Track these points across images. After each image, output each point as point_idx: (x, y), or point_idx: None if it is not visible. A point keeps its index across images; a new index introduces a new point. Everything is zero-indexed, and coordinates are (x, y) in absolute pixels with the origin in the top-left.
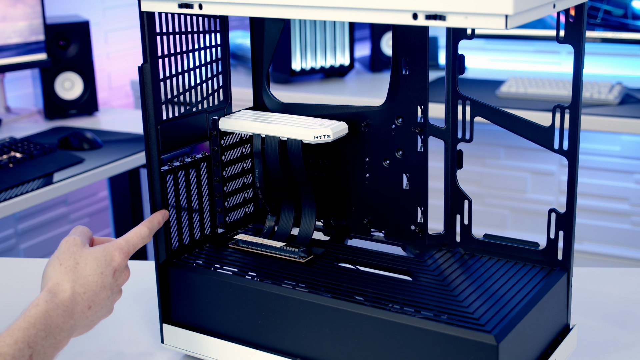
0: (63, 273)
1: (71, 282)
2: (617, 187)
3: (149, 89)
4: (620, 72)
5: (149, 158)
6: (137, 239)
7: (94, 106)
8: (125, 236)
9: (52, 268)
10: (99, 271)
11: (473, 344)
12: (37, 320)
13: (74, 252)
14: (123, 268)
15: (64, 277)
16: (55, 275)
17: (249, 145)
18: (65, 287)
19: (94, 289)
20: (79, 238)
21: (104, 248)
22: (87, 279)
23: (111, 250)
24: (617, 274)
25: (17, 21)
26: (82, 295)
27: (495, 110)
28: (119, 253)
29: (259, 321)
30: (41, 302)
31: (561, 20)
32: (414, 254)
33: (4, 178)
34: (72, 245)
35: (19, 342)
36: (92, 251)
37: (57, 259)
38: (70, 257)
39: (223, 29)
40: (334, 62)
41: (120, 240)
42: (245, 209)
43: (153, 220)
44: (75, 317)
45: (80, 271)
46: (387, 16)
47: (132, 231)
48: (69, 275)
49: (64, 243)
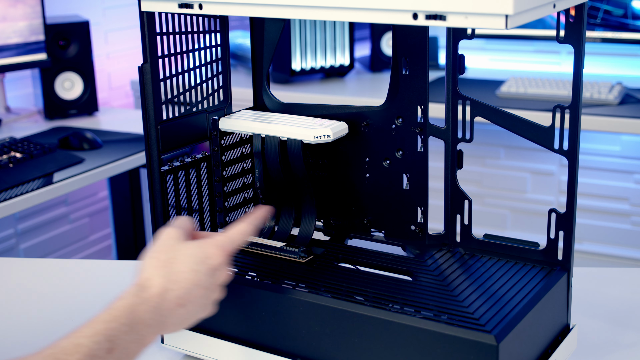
0: (155, 267)
1: (163, 277)
2: (617, 187)
3: (149, 89)
4: (620, 72)
5: (149, 158)
6: (238, 235)
7: (94, 106)
8: (226, 232)
9: (146, 261)
10: (193, 268)
11: (473, 344)
12: (121, 314)
13: (170, 245)
14: (221, 266)
15: (156, 271)
16: (148, 269)
17: (249, 145)
18: (155, 282)
19: (186, 286)
20: (177, 231)
21: (201, 244)
22: (180, 275)
23: (209, 247)
24: (617, 274)
25: (17, 21)
26: (172, 291)
27: (495, 110)
28: (217, 250)
29: (259, 321)
30: (127, 296)
31: (561, 20)
32: (414, 254)
33: (4, 178)
34: (169, 239)
35: (98, 334)
36: (189, 246)
37: (153, 251)
38: (164, 251)
39: (223, 29)
40: (334, 62)
41: (221, 236)
42: (245, 209)
43: (257, 215)
44: (164, 313)
45: (173, 267)
46: (387, 16)
47: (234, 227)
48: (161, 270)
49: (162, 235)
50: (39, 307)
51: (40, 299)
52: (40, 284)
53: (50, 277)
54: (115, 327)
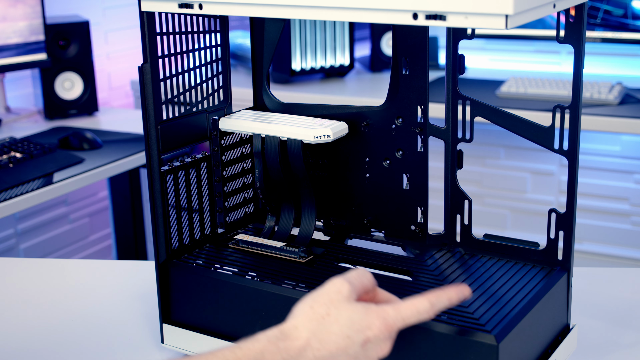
0: (308, 319)
1: (310, 332)
2: (617, 187)
3: (149, 89)
4: (620, 72)
5: (149, 158)
6: (411, 311)
7: (94, 106)
8: (398, 305)
9: (302, 306)
10: (347, 334)
11: (473, 344)
12: (247, 357)
13: (332, 300)
14: (380, 341)
15: (307, 323)
16: (299, 317)
17: (249, 145)
18: (301, 335)
19: (331, 350)
20: (348, 286)
21: (366, 309)
22: (330, 336)
23: (372, 316)
24: (617, 274)
25: (17, 21)
26: (315, 351)
27: (495, 110)
28: (380, 323)
29: (259, 321)
30: (263, 339)
31: (561, 20)
32: (414, 254)
33: (4, 178)
34: (335, 292)
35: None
36: (352, 308)
37: (312, 299)
38: (325, 304)
39: (223, 29)
40: (334, 62)
41: (390, 308)
42: (245, 209)
43: (441, 295)
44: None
45: (326, 325)
46: (387, 16)
47: (409, 301)
48: (313, 324)
49: (330, 286)
50: (39, 307)
51: (40, 299)
52: (40, 284)
53: (50, 277)
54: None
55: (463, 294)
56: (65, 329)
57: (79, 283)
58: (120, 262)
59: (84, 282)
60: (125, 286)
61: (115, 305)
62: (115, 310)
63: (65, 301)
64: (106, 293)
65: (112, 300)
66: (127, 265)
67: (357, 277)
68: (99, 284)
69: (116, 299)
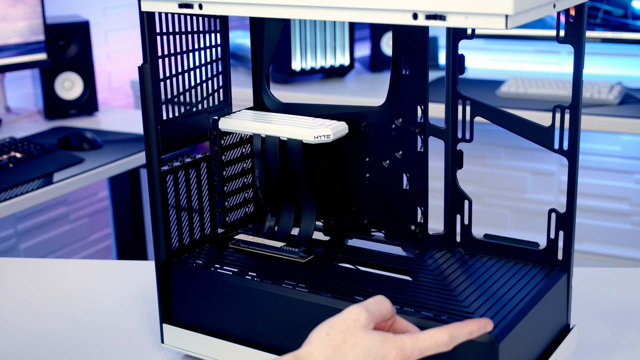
0: (324, 346)
1: (326, 359)
2: (617, 187)
3: (149, 89)
4: (620, 72)
5: (149, 158)
6: (429, 343)
7: (94, 106)
8: (417, 336)
9: (318, 332)
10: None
11: (473, 344)
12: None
13: (349, 327)
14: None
15: (323, 350)
16: (315, 343)
17: (249, 145)
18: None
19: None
20: (365, 314)
21: (383, 339)
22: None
23: (389, 345)
24: (617, 274)
25: (17, 21)
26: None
27: (495, 110)
28: (397, 352)
29: (259, 321)
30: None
31: (561, 20)
32: (414, 254)
33: (4, 178)
34: (353, 321)
35: None
36: (369, 337)
37: (329, 325)
38: (341, 332)
39: (223, 29)
40: (334, 62)
41: (407, 338)
42: (245, 209)
43: (462, 328)
44: None
45: (342, 352)
46: (387, 16)
47: (427, 332)
48: (328, 351)
49: (347, 312)
50: (39, 307)
51: (40, 299)
52: (40, 284)
53: (50, 277)
54: None
55: (485, 328)
56: (65, 329)
57: (79, 283)
58: (120, 262)
59: (84, 282)
60: (125, 286)
61: (115, 305)
62: (115, 310)
63: (65, 301)
64: (106, 293)
65: (112, 300)
66: (127, 265)
67: (375, 305)
68: (99, 284)
69: (116, 299)
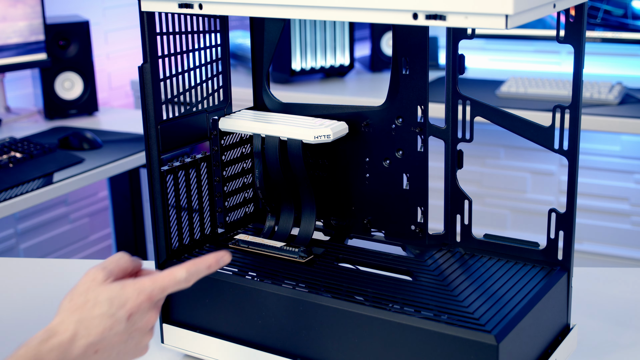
0: (70, 311)
1: (75, 322)
2: (617, 187)
3: (149, 89)
4: (620, 72)
5: (149, 158)
6: (168, 281)
7: (94, 106)
8: (155, 276)
9: (63, 302)
10: (108, 313)
11: (473, 344)
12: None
13: (89, 287)
14: (143, 311)
15: (70, 316)
16: (62, 313)
17: (249, 145)
18: (67, 327)
19: (99, 332)
20: (101, 272)
21: (122, 287)
22: (94, 321)
23: (128, 291)
24: (617, 274)
25: (17, 21)
26: (84, 338)
27: (495, 110)
28: (137, 295)
29: (259, 321)
30: (33, 344)
31: (561, 20)
32: (414, 254)
33: (4, 178)
34: (90, 280)
35: None
36: (107, 290)
37: (71, 292)
38: (82, 294)
39: (223, 29)
40: (334, 62)
41: (146, 279)
42: (245, 209)
43: (199, 263)
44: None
45: (87, 311)
46: (387, 16)
47: (167, 271)
48: (75, 315)
49: (85, 275)
50: (39, 307)
51: (40, 299)
52: (40, 284)
53: (50, 277)
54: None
55: (223, 260)
56: None
57: None
58: None
59: None
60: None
61: None
62: None
63: None
64: None
65: None
66: None
67: (112, 262)
68: None
69: None
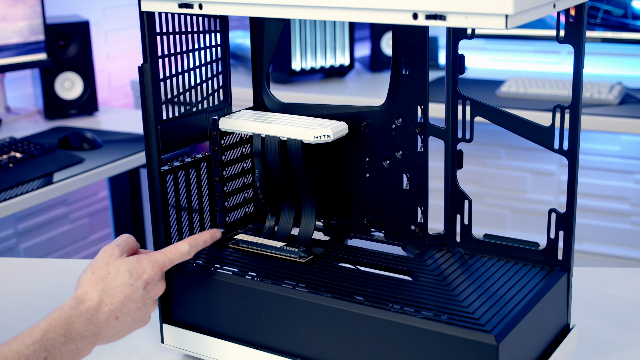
0: (93, 282)
1: (100, 291)
2: (617, 187)
3: (149, 89)
4: (620, 72)
5: (149, 158)
6: (174, 254)
7: (94, 106)
8: (163, 250)
9: (84, 275)
10: (129, 283)
11: (473, 344)
12: (58, 325)
13: (108, 261)
14: (156, 281)
15: (94, 286)
16: (86, 284)
17: (249, 145)
18: (92, 296)
19: (121, 300)
20: (117, 248)
21: (137, 259)
22: (116, 289)
23: (144, 263)
24: (617, 274)
25: (17, 21)
26: (109, 305)
27: (495, 110)
28: (152, 266)
29: (259, 321)
30: (65, 307)
31: (561, 20)
32: (414, 254)
33: (4, 178)
34: (108, 255)
35: (36, 343)
36: (125, 262)
37: (91, 267)
38: (103, 267)
39: (223, 29)
40: (334, 62)
41: (157, 253)
42: (245, 209)
43: (198, 238)
44: (100, 325)
45: (110, 281)
46: (387, 16)
47: (172, 245)
48: (99, 285)
49: (102, 252)
50: (39, 307)
51: (40, 299)
52: (40, 284)
53: (50, 277)
54: (52, 336)
55: (215, 236)
56: None
57: None
58: None
59: None
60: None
61: None
62: None
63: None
64: None
65: None
66: None
67: (123, 240)
68: None
69: None
